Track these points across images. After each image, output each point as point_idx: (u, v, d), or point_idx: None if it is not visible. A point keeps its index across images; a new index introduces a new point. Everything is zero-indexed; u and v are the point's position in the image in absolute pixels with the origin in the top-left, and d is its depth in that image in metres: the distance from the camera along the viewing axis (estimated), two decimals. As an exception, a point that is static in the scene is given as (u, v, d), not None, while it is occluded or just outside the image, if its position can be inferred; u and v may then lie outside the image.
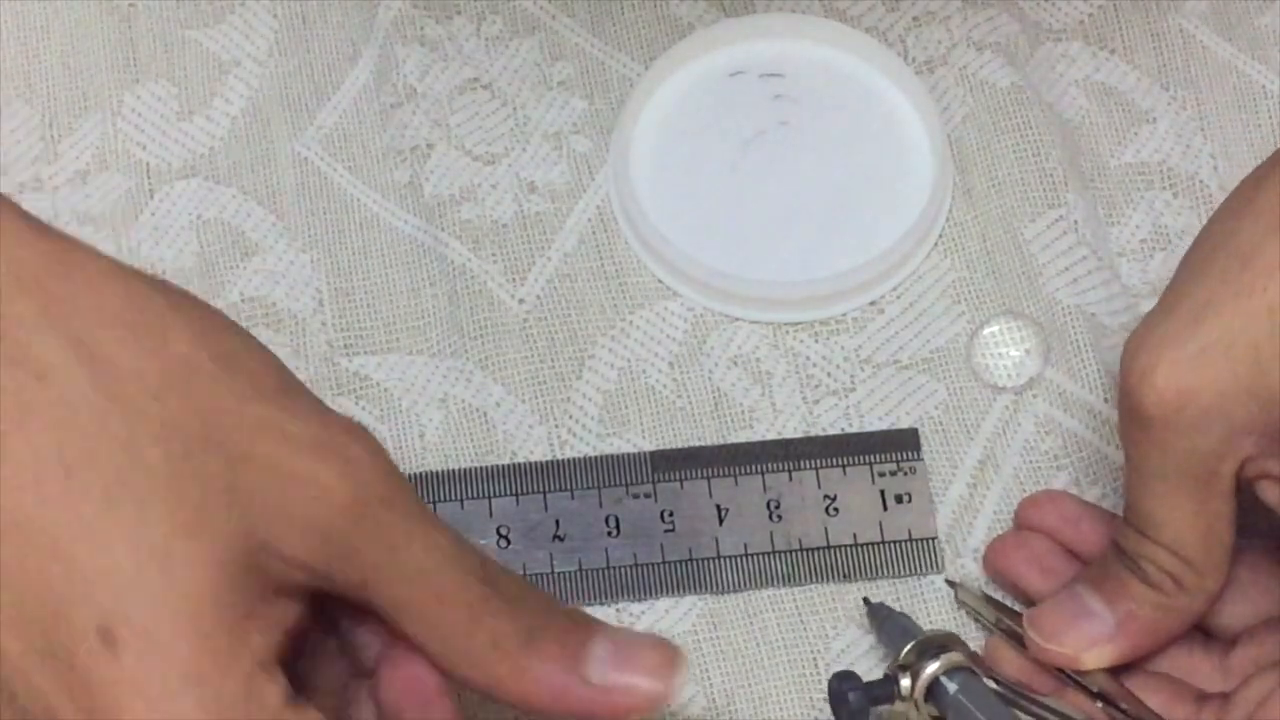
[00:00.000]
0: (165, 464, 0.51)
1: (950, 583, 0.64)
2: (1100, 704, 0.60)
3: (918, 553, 0.65)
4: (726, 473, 0.66)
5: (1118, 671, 0.61)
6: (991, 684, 0.61)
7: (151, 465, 0.50)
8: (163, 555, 0.50)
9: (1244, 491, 0.58)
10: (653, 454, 0.66)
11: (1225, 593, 0.60)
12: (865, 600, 0.64)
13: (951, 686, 0.60)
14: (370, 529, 0.52)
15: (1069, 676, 0.61)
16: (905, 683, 0.60)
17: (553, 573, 0.65)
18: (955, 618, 0.64)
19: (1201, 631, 0.61)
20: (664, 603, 0.65)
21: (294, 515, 0.52)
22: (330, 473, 0.52)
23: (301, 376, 0.57)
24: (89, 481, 0.50)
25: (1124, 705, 0.60)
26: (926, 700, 0.60)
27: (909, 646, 0.61)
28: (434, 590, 0.53)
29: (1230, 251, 0.56)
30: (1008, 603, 0.64)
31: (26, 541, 0.50)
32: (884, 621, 0.63)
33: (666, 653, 0.55)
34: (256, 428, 0.52)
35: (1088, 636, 0.60)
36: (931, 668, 0.60)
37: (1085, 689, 0.60)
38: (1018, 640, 0.61)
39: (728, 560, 0.65)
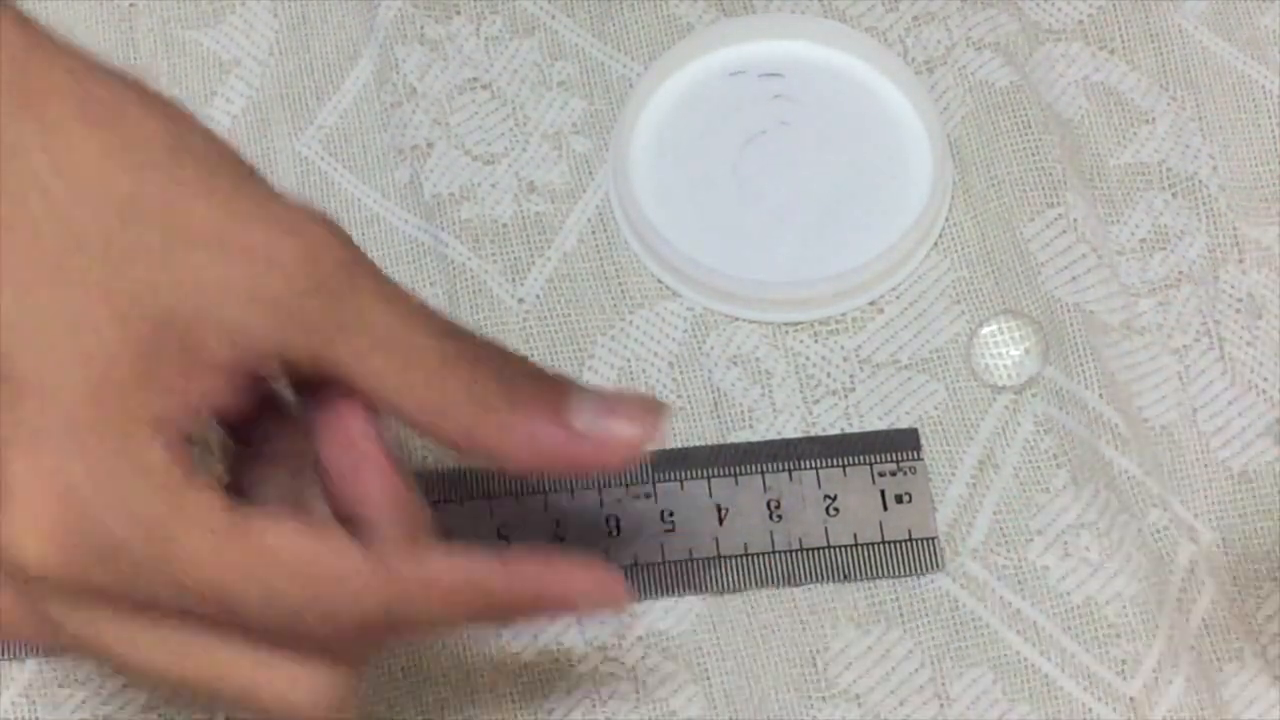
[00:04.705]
0: (99, 234, 0.51)
1: None
2: None
3: (918, 552, 0.65)
4: (726, 473, 0.66)
5: None
6: None
7: (88, 237, 0.51)
8: (75, 313, 0.51)
9: None
10: (653, 454, 0.66)
11: None
12: None
13: None
14: (330, 297, 0.52)
15: None
16: None
17: (553, 573, 0.65)
18: (954, 618, 0.64)
19: None
20: (664, 603, 0.65)
21: (239, 287, 0.51)
22: (283, 245, 0.51)
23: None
24: (22, 243, 0.51)
25: None
26: None
27: None
28: (404, 350, 0.53)
29: None
30: None
31: None
32: None
33: (649, 401, 0.55)
34: (208, 205, 0.52)
35: None
36: None
37: None
38: None
39: (728, 560, 0.65)
